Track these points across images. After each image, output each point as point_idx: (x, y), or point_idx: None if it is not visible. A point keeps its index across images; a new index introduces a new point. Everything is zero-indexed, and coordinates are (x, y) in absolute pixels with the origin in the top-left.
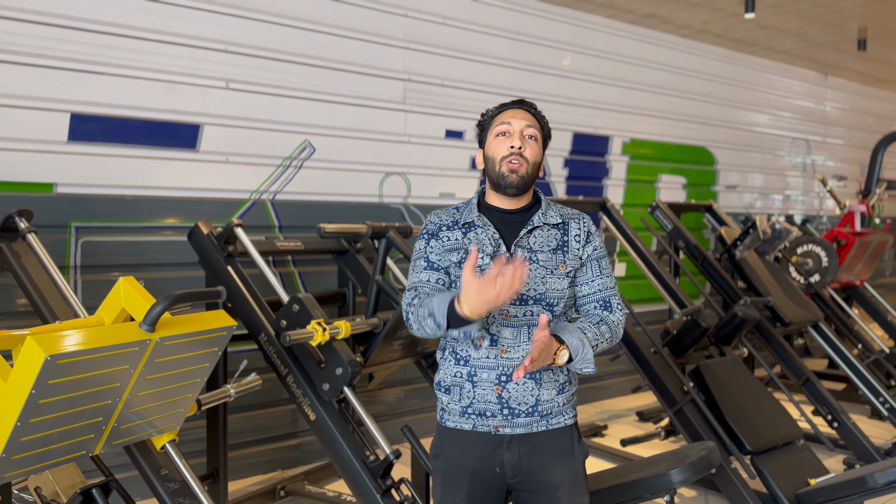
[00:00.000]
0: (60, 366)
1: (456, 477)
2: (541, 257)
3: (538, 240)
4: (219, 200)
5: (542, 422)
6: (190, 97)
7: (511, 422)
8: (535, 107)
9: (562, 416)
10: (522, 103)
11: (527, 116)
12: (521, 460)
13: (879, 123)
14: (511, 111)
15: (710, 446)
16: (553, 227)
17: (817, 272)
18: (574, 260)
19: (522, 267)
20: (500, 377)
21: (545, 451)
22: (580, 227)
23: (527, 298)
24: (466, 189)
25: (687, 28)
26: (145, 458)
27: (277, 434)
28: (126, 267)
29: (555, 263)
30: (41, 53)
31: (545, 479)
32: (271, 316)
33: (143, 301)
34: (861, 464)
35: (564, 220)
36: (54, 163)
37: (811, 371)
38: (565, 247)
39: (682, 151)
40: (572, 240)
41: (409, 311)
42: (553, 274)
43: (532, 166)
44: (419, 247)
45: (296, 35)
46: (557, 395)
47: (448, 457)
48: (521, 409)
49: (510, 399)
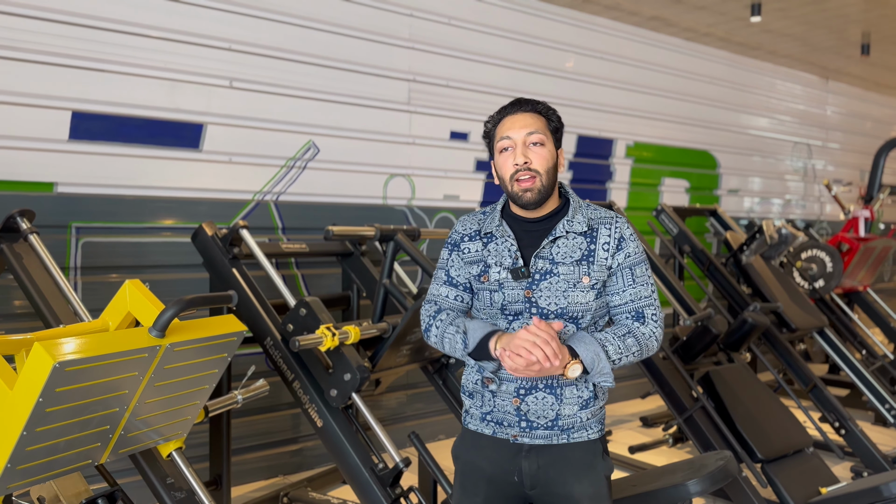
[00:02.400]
0: (69, 373)
1: (473, 480)
2: (562, 270)
3: (562, 250)
4: (222, 201)
5: (562, 435)
6: (193, 96)
7: (530, 433)
8: (536, 103)
9: (585, 431)
10: (521, 104)
11: (527, 120)
12: (539, 471)
13: (879, 128)
14: (510, 118)
15: (727, 456)
16: (579, 235)
17: (822, 277)
18: (600, 271)
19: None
20: (518, 390)
21: (565, 463)
22: (611, 233)
23: (547, 313)
24: (471, 191)
25: (691, 31)
26: (151, 466)
27: (278, 439)
28: (127, 269)
29: (578, 276)
30: (43, 50)
31: (564, 492)
32: (277, 320)
33: (150, 305)
34: (869, 472)
35: (593, 227)
36: (55, 162)
37: (818, 377)
38: (591, 257)
39: (684, 155)
40: (600, 248)
41: (432, 323)
42: (576, 287)
43: (546, 175)
44: (443, 256)
45: (300, 34)
46: (580, 411)
47: (467, 459)
48: (539, 422)
49: (529, 412)
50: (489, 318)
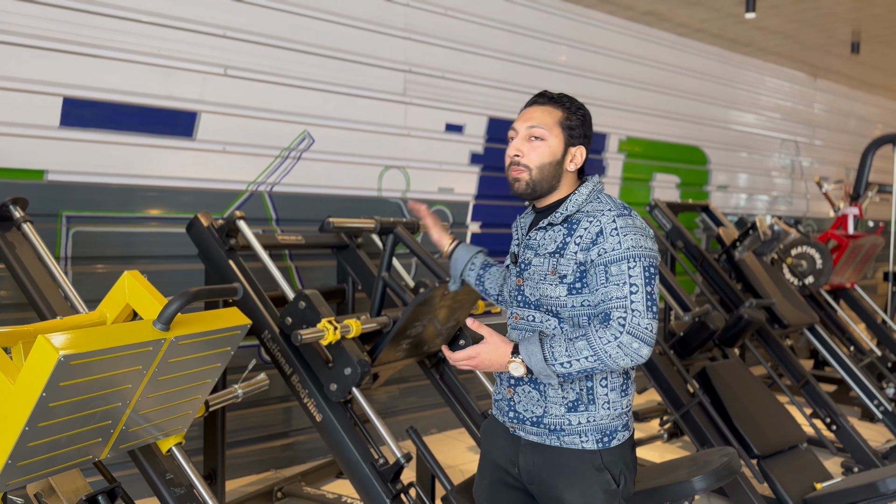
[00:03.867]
0: (74, 366)
1: (485, 463)
2: (535, 261)
3: (542, 241)
4: (215, 191)
5: (552, 436)
6: (187, 83)
7: (522, 427)
8: (557, 97)
9: (577, 437)
10: (539, 97)
11: (535, 113)
12: (535, 469)
13: (863, 126)
14: (526, 110)
15: (730, 452)
16: (560, 226)
17: (811, 274)
18: (567, 265)
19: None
20: (510, 379)
21: (557, 468)
22: (589, 226)
23: (529, 303)
24: (466, 184)
25: (685, 27)
26: (150, 461)
27: (270, 433)
28: (119, 259)
29: (546, 269)
30: (33, 34)
31: (556, 496)
32: (275, 313)
33: (150, 297)
34: (860, 467)
35: (576, 219)
36: (46, 149)
37: (810, 373)
38: (563, 249)
39: (676, 151)
40: (572, 242)
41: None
42: (545, 280)
43: (538, 170)
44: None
45: (296, 22)
46: (568, 413)
47: (484, 441)
48: (527, 416)
49: (518, 404)
50: (504, 305)
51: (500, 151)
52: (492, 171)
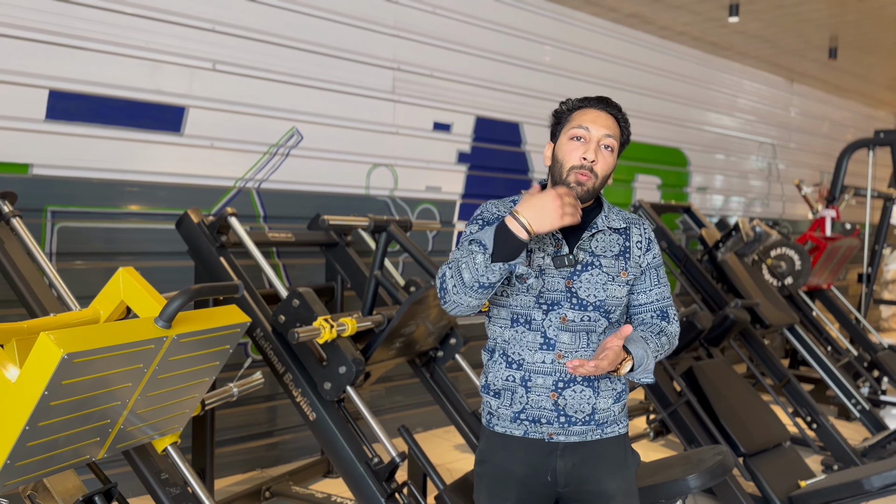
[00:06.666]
0: (76, 365)
1: (504, 484)
2: (604, 262)
3: (600, 244)
4: (203, 187)
5: (597, 430)
6: (175, 78)
7: (567, 430)
8: (620, 109)
9: (616, 425)
10: (608, 104)
11: (609, 121)
12: (573, 469)
13: (835, 130)
14: (593, 112)
15: (723, 451)
16: (615, 232)
17: (790, 275)
18: (635, 267)
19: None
20: (556, 383)
21: (599, 460)
22: (641, 233)
23: (586, 304)
24: (453, 183)
25: (667, 29)
26: (144, 461)
27: (255, 432)
28: (104, 255)
29: (617, 270)
30: (19, 25)
31: (598, 489)
32: (267, 311)
33: (146, 294)
34: (839, 465)
35: (627, 225)
36: (31, 142)
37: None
38: (627, 253)
39: (657, 152)
40: (634, 246)
41: (446, 273)
42: (614, 281)
43: (601, 179)
44: (470, 230)
45: (286, 17)
46: (614, 404)
47: (496, 463)
48: (577, 416)
49: (566, 406)
50: (520, 308)
51: (487, 151)
52: (479, 170)
